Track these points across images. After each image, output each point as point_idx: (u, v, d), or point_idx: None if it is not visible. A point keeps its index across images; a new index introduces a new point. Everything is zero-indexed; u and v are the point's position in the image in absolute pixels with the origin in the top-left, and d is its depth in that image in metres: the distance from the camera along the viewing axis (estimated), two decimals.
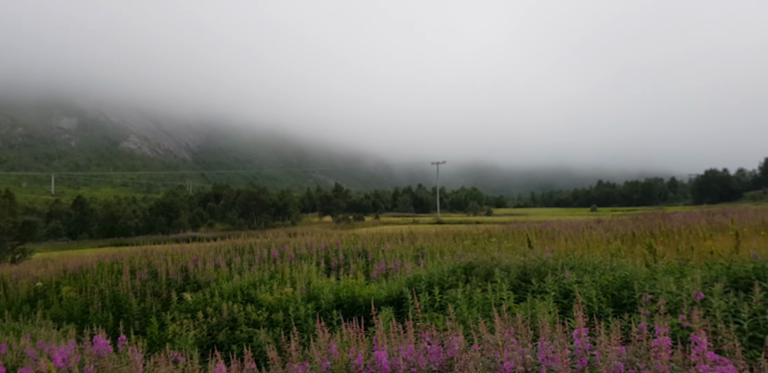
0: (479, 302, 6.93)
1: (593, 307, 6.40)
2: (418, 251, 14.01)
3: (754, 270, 6.86)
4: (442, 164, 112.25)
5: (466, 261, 9.48)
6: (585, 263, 8.14)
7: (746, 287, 6.55)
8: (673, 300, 5.97)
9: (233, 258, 14.54)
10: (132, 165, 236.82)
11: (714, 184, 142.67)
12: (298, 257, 13.96)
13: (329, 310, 8.14)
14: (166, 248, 19.18)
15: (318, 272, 11.15)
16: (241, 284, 10.53)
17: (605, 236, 14.39)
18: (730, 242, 10.17)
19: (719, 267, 7.09)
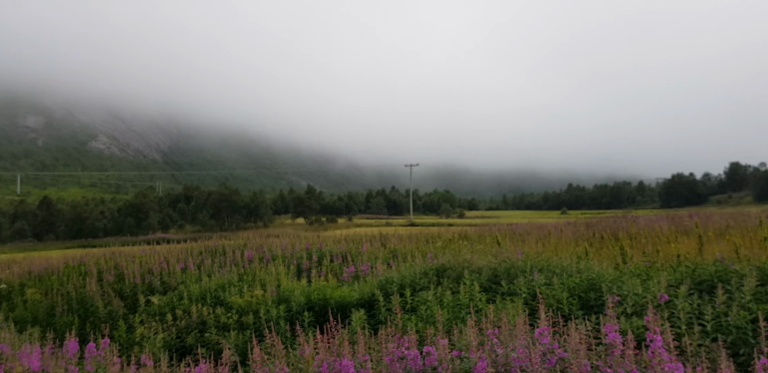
0: (450, 304, 6.98)
1: (563, 308, 6.49)
2: (391, 253, 14.04)
3: (717, 273, 7.04)
4: (414, 167, 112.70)
5: (437, 263, 9.52)
6: (554, 265, 8.26)
7: (710, 289, 6.72)
8: (639, 302, 6.09)
9: (203, 260, 14.38)
10: (100, 165, 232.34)
11: (681, 189, 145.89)
12: (269, 259, 13.86)
13: (300, 312, 8.10)
14: (134, 250, 18.88)
15: (289, 275, 11.09)
16: (210, 286, 10.42)
17: (574, 238, 14.61)
18: (695, 245, 10.42)
19: (684, 270, 7.25)
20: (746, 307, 5.73)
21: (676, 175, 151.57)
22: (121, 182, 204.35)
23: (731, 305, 5.65)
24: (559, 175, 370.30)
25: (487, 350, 3.20)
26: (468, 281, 7.56)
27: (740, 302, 5.81)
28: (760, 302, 5.89)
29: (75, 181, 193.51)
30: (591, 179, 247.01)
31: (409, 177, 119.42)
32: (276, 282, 9.84)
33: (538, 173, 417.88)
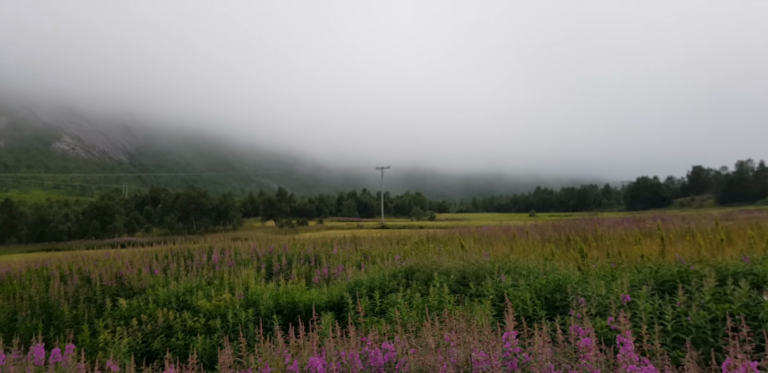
0: (419, 306, 7.02)
1: (528, 309, 6.59)
2: (362, 256, 14.04)
3: (678, 274, 7.24)
4: (382, 170, 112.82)
5: (407, 266, 9.57)
6: (521, 266, 8.37)
7: (671, 289, 6.90)
8: (603, 303, 6.22)
9: (170, 264, 14.16)
10: (65, 167, 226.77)
11: (645, 191, 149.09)
12: (238, 262, 13.74)
13: (269, 316, 8.05)
14: (99, 253, 18.50)
15: (258, 278, 11.01)
16: (177, 290, 10.28)
17: (541, 240, 14.82)
18: (658, 247, 10.68)
19: (646, 271, 7.43)
20: (705, 307, 5.90)
21: (641, 178, 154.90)
22: (86, 184, 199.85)
23: (691, 305, 5.82)
24: (525, 179, 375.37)
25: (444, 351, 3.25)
26: (437, 282, 7.62)
27: (700, 302, 5.98)
28: (718, 302, 6.07)
29: (38, 183, 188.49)
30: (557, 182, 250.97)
31: (380, 179, 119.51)
32: (244, 286, 9.77)
33: (505, 176, 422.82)
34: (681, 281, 6.87)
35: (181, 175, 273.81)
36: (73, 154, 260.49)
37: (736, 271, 7.11)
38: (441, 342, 3.67)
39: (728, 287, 6.17)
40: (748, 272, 7.04)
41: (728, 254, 9.58)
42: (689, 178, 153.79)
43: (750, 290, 6.05)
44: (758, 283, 6.66)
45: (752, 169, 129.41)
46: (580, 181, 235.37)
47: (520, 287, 7.07)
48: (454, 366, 3.08)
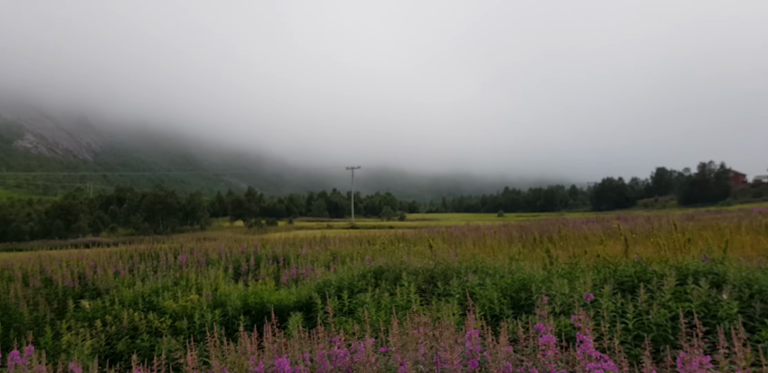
0: (387, 306, 7.05)
1: (494, 308, 6.67)
2: (331, 256, 14.03)
3: (639, 273, 7.42)
4: (352, 170, 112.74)
5: (375, 265, 9.59)
6: (487, 266, 8.48)
7: (632, 288, 7.07)
8: (567, 301, 6.34)
9: (136, 264, 13.94)
10: (27, 165, 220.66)
11: (610, 192, 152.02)
12: (206, 262, 13.59)
13: (236, 316, 7.99)
14: (63, 254, 18.09)
15: (226, 278, 10.91)
16: (143, 291, 10.13)
17: (508, 240, 15.02)
18: (621, 247, 10.91)
19: (608, 270, 7.59)
20: (666, 305, 6.06)
21: (606, 179, 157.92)
22: (50, 183, 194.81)
23: (652, 304, 5.97)
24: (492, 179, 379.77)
25: (410, 350, 3.28)
26: (405, 282, 7.66)
27: (660, 301, 6.14)
28: (679, 301, 6.24)
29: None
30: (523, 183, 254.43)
31: (350, 179, 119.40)
32: (212, 286, 9.67)
33: (472, 177, 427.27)
34: (643, 281, 7.03)
35: (148, 175, 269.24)
36: (35, 152, 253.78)
37: (697, 270, 7.31)
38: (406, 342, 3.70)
39: (688, 286, 6.34)
40: (708, 271, 7.24)
41: (689, 253, 9.84)
42: (653, 179, 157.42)
43: (710, 289, 6.23)
44: (718, 282, 6.85)
45: (713, 171, 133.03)
46: (546, 181, 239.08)
47: (486, 286, 7.15)
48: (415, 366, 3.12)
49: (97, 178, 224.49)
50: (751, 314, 5.96)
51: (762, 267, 7.41)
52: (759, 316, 5.88)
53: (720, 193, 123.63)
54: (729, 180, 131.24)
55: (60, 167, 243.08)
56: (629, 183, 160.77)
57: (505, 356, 2.93)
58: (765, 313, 5.91)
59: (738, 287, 6.38)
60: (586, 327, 3.16)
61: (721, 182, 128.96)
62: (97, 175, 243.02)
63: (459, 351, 3.00)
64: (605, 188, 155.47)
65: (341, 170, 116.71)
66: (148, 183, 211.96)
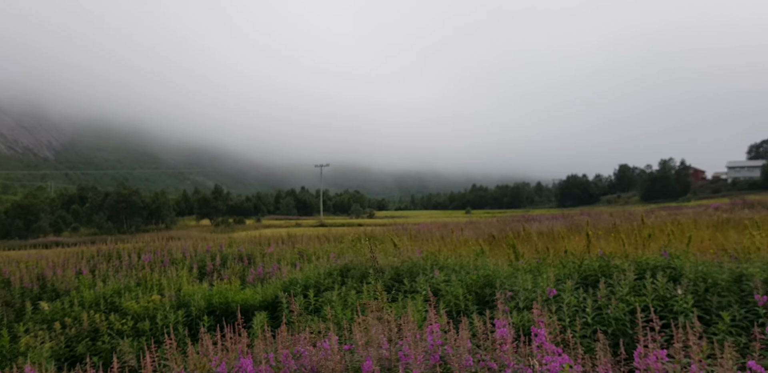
0: (354, 304, 7.04)
1: (459, 304, 6.72)
2: (298, 254, 13.95)
3: (600, 268, 7.56)
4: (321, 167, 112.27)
5: (342, 263, 9.58)
6: (453, 262, 8.54)
7: (594, 283, 7.20)
8: (530, 297, 6.43)
9: (98, 264, 13.65)
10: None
11: (575, 189, 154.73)
12: (171, 262, 13.38)
13: (200, 317, 7.88)
14: (22, 254, 17.60)
15: (191, 278, 10.76)
16: (104, 291, 9.92)
17: (474, 236, 15.15)
18: (584, 242, 11.10)
19: (571, 266, 7.72)
20: (624, 300, 6.19)
21: (571, 176, 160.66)
22: (9, 182, 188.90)
23: (611, 298, 6.09)
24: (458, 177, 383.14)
25: (374, 347, 3.28)
26: (372, 280, 7.67)
27: (619, 295, 6.27)
28: (637, 295, 6.38)
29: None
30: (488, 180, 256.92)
31: (319, 177, 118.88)
32: (176, 286, 9.52)
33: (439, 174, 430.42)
34: (603, 275, 7.17)
35: (111, 173, 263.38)
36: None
37: (655, 265, 7.48)
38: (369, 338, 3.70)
39: (647, 281, 6.49)
40: (666, 266, 7.42)
41: (650, 248, 10.07)
42: (616, 176, 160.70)
43: (667, 283, 6.39)
44: (675, 276, 7.03)
45: (674, 168, 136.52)
46: (511, 178, 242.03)
47: (452, 282, 7.21)
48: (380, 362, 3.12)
49: (58, 177, 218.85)
50: (707, 307, 6.13)
51: (717, 261, 7.63)
52: (714, 309, 6.05)
53: (680, 189, 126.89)
54: (689, 177, 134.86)
55: (19, 166, 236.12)
56: (593, 180, 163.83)
57: (465, 350, 2.95)
58: (720, 306, 6.08)
59: (694, 280, 6.56)
60: (541, 321, 3.21)
61: (681, 179, 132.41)
62: (58, 173, 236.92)
63: (422, 346, 3.01)
64: (570, 184, 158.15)
65: (309, 168, 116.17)
66: (112, 182, 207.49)
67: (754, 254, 8.68)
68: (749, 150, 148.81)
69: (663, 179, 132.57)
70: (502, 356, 2.97)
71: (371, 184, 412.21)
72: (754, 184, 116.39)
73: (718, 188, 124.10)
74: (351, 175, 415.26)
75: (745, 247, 9.60)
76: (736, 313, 5.79)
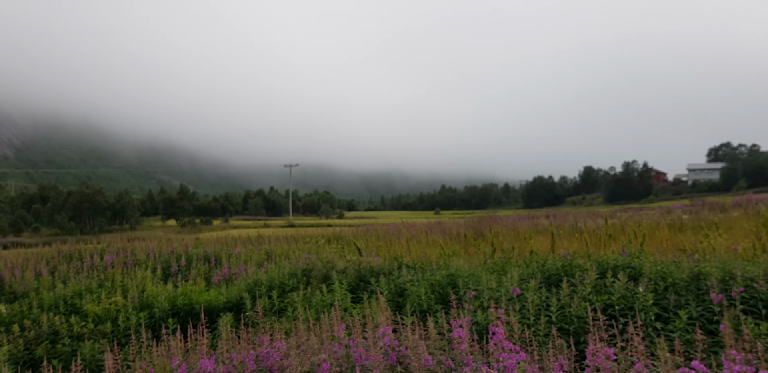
0: (318, 304, 7.03)
1: (423, 304, 6.76)
2: (265, 255, 13.85)
3: (563, 267, 7.70)
4: (290, 167, 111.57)
5: (308, 264, 9.54)
6: (419, 262, 8.58)
7: (557, 282, 7.32)
8: (495, 296, 6.51)
9: (58, 266, 13.33)
10: None
11: (541, 190, 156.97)
12: (134, 263, 13.14)
13: (164, 319, 7.76)
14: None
15: (155, 279, 10.58)
16: (65, 293, 9.69)
17: (442, 237, 15.27)
18: (549, 243, 11.29)
19: (535, 265, 7.84)
20: (587, 298, 6.31)
21: (537, 178, 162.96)
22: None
23: (574, 297, 6.20)
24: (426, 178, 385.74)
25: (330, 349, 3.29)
26: (336, 280, 7.66)
27: (582, 294, 6.39)
28: (599, 294, 6.51)
29: None
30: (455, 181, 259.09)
31: (288, 177, 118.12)
32: (139, 288, 9.36)
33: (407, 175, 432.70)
34: (566, 275, 7.30)
35: (74, 172, 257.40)
36: None
37: (616, 264, 7.64)
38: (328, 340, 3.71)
39: (608, 280, 6.63)
40: (627, 265, 7.59)
41: (611, 248, 10.29)
42: (581, 177, 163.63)
43: (627, 282, 6.53)
44: (635, 275, 7.19)
45: (637, 170, 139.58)
46: (478, 180, 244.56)
47: (416, 282, 7.24)
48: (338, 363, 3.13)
49: (19, 176, 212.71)
50: (665, 305, 6.29)
51: (676, 261, 7.83)
52: (672, 307, 6.21)
53: (643, 191, 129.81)
54: (651, 179, 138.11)
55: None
56: (559, 181, 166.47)
57: (424, 350, 2.98)
58: (678, 304, 6.25)
59: (653, 279, 6.72)
60: (499, 320, 3.26)
61: (643, 181, 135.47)
62: (18, 172, 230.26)
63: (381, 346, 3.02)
64: (536, 186, 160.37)
65: (278, 168, 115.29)
66: (74, 181, 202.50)
67: (710, 254, 8.96)
68: (709, 153, 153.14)
69: (626, 181, 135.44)
70: (461, 355, 3.00)
71: (339, 184, 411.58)
72: (713, 186, 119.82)
73: (680, 190, 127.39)
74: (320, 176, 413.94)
75: (702, 247, 9.90)
76: (693, 311, 5.95)
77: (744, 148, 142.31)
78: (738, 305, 5.81)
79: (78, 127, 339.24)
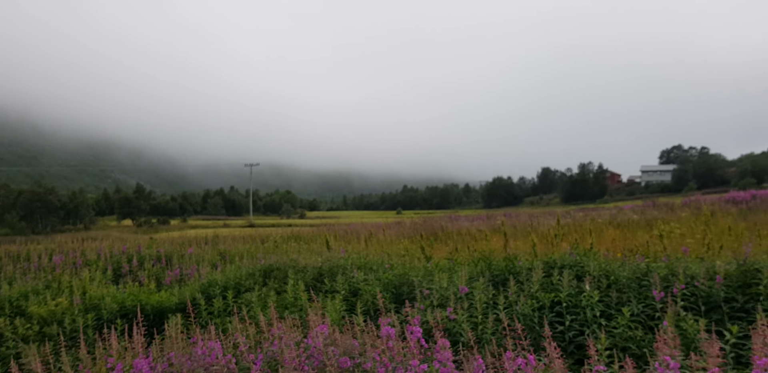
0: (274, 304, 7.00)
1: (377, 303, 6.81)
2: (220, 255, 13.70)
3: (511, 266, 7.87)
4: (251, 167, 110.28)
5: (265, 264, 9.51)
6: (373, 262, 8.64)
7: (505, 281, 7.47)
8: (445, 294, 6.61)
9: (5, 266, 12.93)
10: None
11: (500, 191, 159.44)
12: (84, 264, 12.84)
13: (112, 320, 7.62)
14: None
15: (104, 280, 10.36)
16: (10, 295, 9.40)
17: (400, 236, 15.38)
18: (503, 242, 11.49)
19: (483, 264, 7.99)
20: (534, 296, 6.47)
21: (497, 178, 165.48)
22: None
23: (521, 295, 6.35)
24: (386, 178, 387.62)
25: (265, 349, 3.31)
26: (292, 280, 7.65)
27: (528, 292, 6.55)
28: (545, 292, 6.68)
29: None
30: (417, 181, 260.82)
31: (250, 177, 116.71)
32: (87, 289, 9.15)
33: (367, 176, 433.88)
34: (514, 273, 7.46)
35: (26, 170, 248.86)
36: None
37: (564, 263, 7.85)
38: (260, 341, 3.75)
39: (554, 278, 6.80)
40: (574, 264, 7.80)
41: (562, 248, 10.54)
42: (539, 178, 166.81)
43: (572, 280, 6.71)
44: (581, 274, 7.40)
45: (592, 171, 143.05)
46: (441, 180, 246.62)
47: (370, 281, 7.30)
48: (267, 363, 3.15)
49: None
50: (608, 302, 6.50)
51: (622, 260, 8.09)
52: (615, 304, 6.42)
53: (598, 191, 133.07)
54: (606, 180, 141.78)
55: None
56: (517, 182, 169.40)
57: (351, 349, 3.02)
58: (620, 301, 6.46)
59: (598, 277, 6.93)
60: (414, 318, 3.33)
61: (599, 182, 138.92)
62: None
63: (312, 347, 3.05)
64: (495, 186, 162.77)
65: (239, 167, 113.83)
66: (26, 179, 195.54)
67: (658, 252, 9.27)
68: (661, 155, 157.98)
69: (582, 182, 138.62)
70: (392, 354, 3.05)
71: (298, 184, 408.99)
72: (665, 187, 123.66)
73: (633, 191, 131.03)
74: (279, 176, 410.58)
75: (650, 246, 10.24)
76: (635, 308, 6.17)
77: (694, 150, 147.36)
78: (679, 302, 6.03)
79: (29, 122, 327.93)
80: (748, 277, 6.45)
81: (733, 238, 10.46)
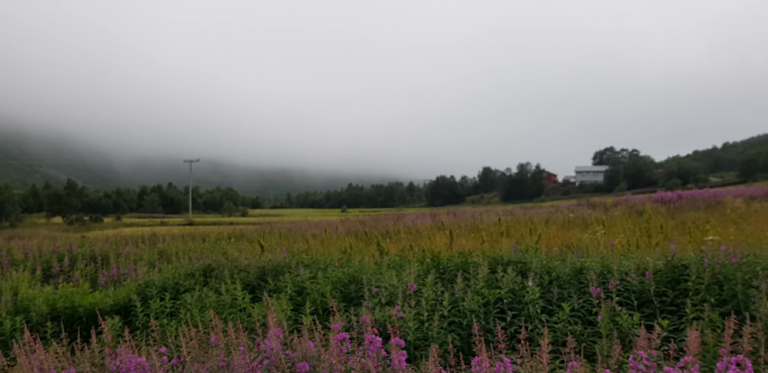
0: (213, 305, 6.81)
1: (326, 302, 6.74)
2: (158, 254, 13.25)
3: (459, 264, 7.95)
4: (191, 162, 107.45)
5: (205, 263, 9.25)
6: (319, 260, 8.55)
7: (452, 278, 7.55)
8: (394, 292, 6.60)
9: None
10: None
11: (443, 189, 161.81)
12: (9, 263, 12.14)
13: (42, 323, 7.22)
14: None
15: (33, 281, 9.81)
16: None
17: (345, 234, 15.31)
18: (447, 240, 11.62)
19: (429, 262, 8.04)
20: (479, 292, 6.55)
21: (440, 177, 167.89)
22: None
23: (468, 292, 6.41)
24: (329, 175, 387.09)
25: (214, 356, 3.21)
26: (228, 280, 7.47)
27: (475, 289, 6.62)
28: (491, 288, 6.77)
29: None
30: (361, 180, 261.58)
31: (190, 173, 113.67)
32: (14, 290, 8.64)
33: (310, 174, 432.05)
34: (461, 270, 7.54)
35: None
36: None
37: (509, 260, 8.00)
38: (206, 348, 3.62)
39: (499, 274, 6.91)
40: (518, 260, 7.96)
41: (505, 245, 10.75)
42: (480, 177, 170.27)
43: (516, 276, 6.84)
44: (524, 270, 7.55)
45: (530, 171, 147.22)
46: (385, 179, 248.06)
47: (318, 280, 7.21)
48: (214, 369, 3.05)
49: None
50: (549, 298, 6.65)
51: (562, 256, 8.31)
52: (556, 300, 6.58)
53: (535, 190, 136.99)
54: (543, 179, 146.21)
55: None
56: (459, 181, 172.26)
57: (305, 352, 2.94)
58: (561, 297, 6.63)
59: (540, 274, 7.08)
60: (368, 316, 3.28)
61: (536, 181, 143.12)
62: None
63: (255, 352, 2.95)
64: (438, 185, 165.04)
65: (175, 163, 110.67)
66: None
67: (593, 249, 9.59)
68: (594, 156, 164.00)
69: (521, 182, 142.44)
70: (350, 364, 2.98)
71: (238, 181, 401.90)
72: (598, 187, 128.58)
73: (568, 190, 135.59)
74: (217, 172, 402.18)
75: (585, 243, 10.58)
76: (575, 303, 6.33)
77: (626, 152, 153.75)
78: (614, 298, 6.24)
79: None
80: (676, 272, 6.74)
81: (663, 236, 10.94)
